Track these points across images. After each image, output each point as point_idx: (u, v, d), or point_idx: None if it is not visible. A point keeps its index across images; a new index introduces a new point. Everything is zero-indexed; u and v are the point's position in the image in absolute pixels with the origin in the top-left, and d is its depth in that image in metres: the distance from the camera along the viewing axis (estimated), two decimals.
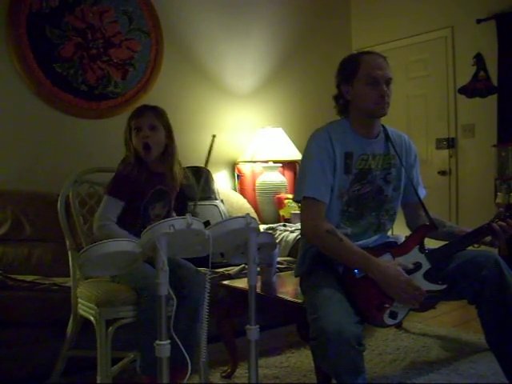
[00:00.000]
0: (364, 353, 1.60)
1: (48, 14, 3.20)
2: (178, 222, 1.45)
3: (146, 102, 2.45)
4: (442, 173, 4.32)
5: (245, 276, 2.55)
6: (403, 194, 2.04)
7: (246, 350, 1.67)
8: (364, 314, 1.70)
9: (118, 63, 3.49)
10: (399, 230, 2.37)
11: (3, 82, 3.10)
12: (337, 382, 1.63)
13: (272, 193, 3.92)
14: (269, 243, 1.82)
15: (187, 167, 3.53)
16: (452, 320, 3.26)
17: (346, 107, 1.98)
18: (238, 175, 4.06)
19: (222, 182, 4.00)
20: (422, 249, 1.87)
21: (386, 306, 1.72)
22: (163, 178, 2.24)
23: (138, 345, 1.96)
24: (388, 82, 1.90)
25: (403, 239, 1.97)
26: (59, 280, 2.48)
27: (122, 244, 1.52)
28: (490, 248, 1.90)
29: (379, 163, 1.96)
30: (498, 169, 3.78)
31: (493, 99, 3.94)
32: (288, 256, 3.21)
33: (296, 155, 3.90)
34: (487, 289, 1.77)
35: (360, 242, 1.89)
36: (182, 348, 1.50)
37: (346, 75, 1.94)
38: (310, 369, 2.34)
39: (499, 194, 3.63)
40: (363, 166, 1.93)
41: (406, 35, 4.48)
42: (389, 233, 2.11)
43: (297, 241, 3.20)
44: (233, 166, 4.09)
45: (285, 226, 3.55)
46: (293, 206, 3.78)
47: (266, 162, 3.97)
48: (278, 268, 2.62)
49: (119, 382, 2.10)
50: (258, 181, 4.01)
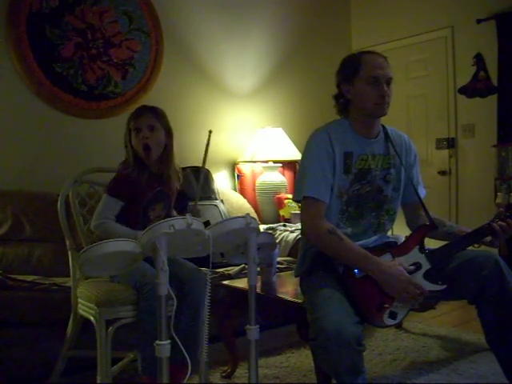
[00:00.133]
0: (364, 353, 1.60)
1: (48, 13, 3.20)
2: (178, 222, 1.45)
3: (145, 102, 2.46)
4: (442, 173, 4.32)
5: (245, 276, 2.55)
6: (403, 194, 2.04)
7: (246, 349, 1.67)
8: (364, 314, 1.70)
9: (118, 63, 3.49)
10: (399, 229, 2.37)
11: (3, 82, 3.10)
12: (337, 382, 1.63)
13: (272, 193, 3.92)
14: (269, 243, 1.82)
15: (187, 167, 3.53)
16: (452, 320, 3.26)
17: (346, 107, 1.98)
18: (237, 175, 4.06)
19: (222, 181, 4.00)
20: (422, 249, 1.87)
21: (386, 306, 1.72)
22: (163, 179, 2.24)
23: (139, 344, 1.96)
24: (388, 81, 1.90)
25: (403, 239, 1.97)
26: (59, 280, 2.49)
27: (122, 244, 1.52)
28: (490, 248, 1.90)
29: (379, 163, 1.96)
30: (498, 169, 3.78)
31: (493, 99, 3.94)
32: (288, 256, 3.21)
33: (296, 155, 3.90)
34: (487, 289, 1.77)
35: (360, 242, 1.89)
36: (182, 348, 1.50)
37: (346, 75, 1.94)
38: (310, 369, 2.34)
39: (499, 194, 3.63)
40: (363, 165, 1.93)
41: (406, 35, 4.48)
42: (389, 233, 2.11)
43: (297, 241, 3.20)
44: (233, 166, 4.09)
45: (285, 225, 3.55)
46: (293, 206, 3.78)
47: (266, 162, 3.97)
48: (277, 268, 2.62)
49: (119, 382, 2.10)
50: (258, 181, 4.01)
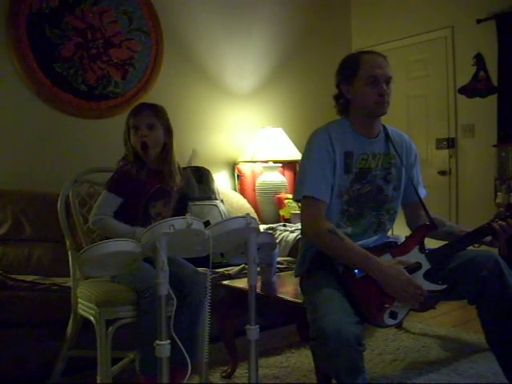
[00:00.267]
0: (364, 353, 1.60)
1: (48, 14, 3.20)
2: (178, 222, 1.46)
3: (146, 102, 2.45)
4: (442, 173, 4.32)
5: (245, 276, 2.55)
6: (403, 194, 2.04)
7: (246, 349, 1.67)
8: (364, 314, 1.70)
9: (118, 63, 3.49)
10: (399, 229, 2.37)
11: (3, 82, 3.10)
12: (337, 382, 1.63)
13: (272, 193, 3.91)
14: (269, 243, 1.82)
15: (187, 167, 3.54)
16: (452, 320, 3.26)
17: (346, 107, 1.98)
18: (238, 175, 4.06)
19: (222, 181, 4.00)
20: (422, 249, 1.87)
21: (386, 305, 1.72)
22: (163, 176, 2.23)
23: (138, 344, 1.96)
24: (388, 81, 1.90)
25: (403, 239, 1.97)
26: (59, 280, 2.49)
27: (122, 244, 1.52)
28: (490, 248, 1.91)
29: (379, 163, 1.96)
30: (498, 169, 3.78)
31: (493, 99, 3.94)
32: (288, 256, 3.21)
33: (296, 155, 3.90)
34: (487, 289, 1.77)
35: (360, 242, 1.89)
36: (182, 348, 1.50)
37: (346, 74, 1.94)
38: (310, 369, 2.34)
39: (499, 194, 3.63)
40: (363, 165, 1.93)
41: (406, 35, 4.48)
42: (389, 233, 2.11)
43: (297, 241, 3.20)
44: (233, 166, 4.09)
45: (285, 225, 3.55)
46: (293, 206, 3.78)
47: (266, 161, 3.97)
48: (277, 268, 2.61)
49: (119, 382, 2.10)
50: (258, 181, 4.01)
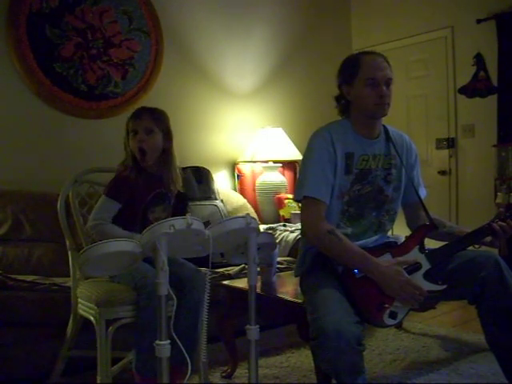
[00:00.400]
0: (364, 353, 1.60)
1: (48, 14, 3.20)
2: (178, 222, 1.45)
3: (145, 102, 2.46)
4: (442, 173, 4.32)
5: (245, 276, 2.55)
6: (404, 195, 2.04)
7: (246, 349, 1.67)
8: (364, 314, 1.70)
9: (118, 63, 3.48)
10: (399, 230, 2.37)
11: (3, 82, 3.10)
12: (337, 381, 1.63)
13: (272, 193, 3.91)
14: (269, 243, 1.82)
15: (187, 167, 3.53)
16: (452, 320, 3.26)
17: (348, 107, 1.98)
18: (238, 175, 4.06)
19: (222, 181, 4.00)
20: (422, 249, 1.87)
21: (386, 305, 1.72)
22: (162, 181, 2.22)
23: (135, 344, 1.96)
24: (388, 82, 1.89)
25: (403, 239, 1.97)
26: (59, 280, 2.49)
27: (122, 244, 1.52)
28: (490, 248, 1.91)
29: (380, 163, 1.96)
30: (498, 169, 3.78)
31: (493, 99, 3.94)
32: (288, 256, 3.21)
33: (296, 155, 3.90)
34: (487, 289, 1.77)
35: (360, 242, 1.89)
36: (182, 348, 1.50)
37: (346, 76, 1.94)
38: (310, 369, 2.34)
39: (499, 193, 3.63)
40: (364, 166, 1.93)
41: (406, 35, 4.48)
42: (389, 233, 2.11)
43: (297, 241, 3.20)
44: (233, 166, 4.09)
45: (285, 225, 3.55)
46: (293, 206, 3.78)
47: (266, 161, 3.97)
48: (278, 268, 2.61)
49: (119, 382, 2.10)
50: (258, 181, 4.01)
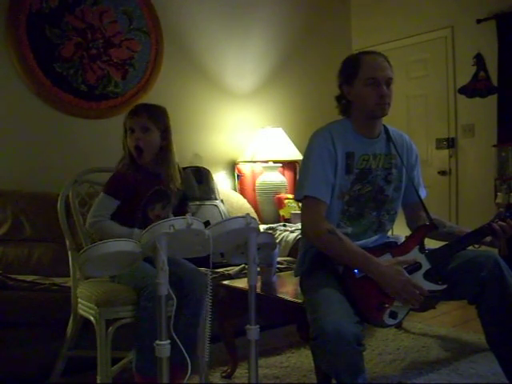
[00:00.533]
0: (364, 353, 1.60)
1: (48, 14, 3.20)
2: (178, 222, 1.46)
3: (145, 102, 2.45)
4: (442, 173, 4.32)
5: (245, 276, 2.55)
6: (404, 195, 2.04)
7: (246, 349, 1.67)
8: (364, 314, 1.70)
9: (118, 63, 3.48)
10: (399, 230, 2.37)
11: (3, 82, 3.10)
12: (337, 381, 1.63)
13: (272, 193, 3.91)
14: (269, 243, 1.82)
15: (187, 167, 3.53)
16: (452, 320, 3.26)
17: (348, 107, 1.98)
18: (238, 175, 4.06)
19: (222, 181, 4.00)
20: (422, 249, 1.87)
21: (386, 305, 1.72)
22: (161, 178, 2.21)
23: (135, 343, 1.95)
24: (388, 82, 1.89)
25: (403, 239, 1.97)
26: (59, 280, 2.48)
27: (122, 244, 1.52)
28: (490, 248, 1.91)
29: (380, 163, 1.96)
30: (498, 169, 3.78)
31: (493, 99, 3.94)
32: (288, 256, 3.21)
33: (296, 155, 3.90)
34: (487, 289, 1.77)
35: (360, 242, 1.89)
36: (182, 348, 1.50)
37: (346, 76, 1.94)
38: (310, 369, 2.34)
39: (499, 194, 3.63)
40: (364, 166, 1.93)
41: (406, 35, 4.48)
42: (389, 233, 2.11)
43: (297, 241, 3.20)
44: (233, 166, 4.09)
45: (285, 225, 3.55)
46: (293, 206, 3.78)
47: (266, 162, 3.96)
48: (277, 268, 2.62)
49: (119, 382, 2.10)
50: (258, 181, 4.01)
